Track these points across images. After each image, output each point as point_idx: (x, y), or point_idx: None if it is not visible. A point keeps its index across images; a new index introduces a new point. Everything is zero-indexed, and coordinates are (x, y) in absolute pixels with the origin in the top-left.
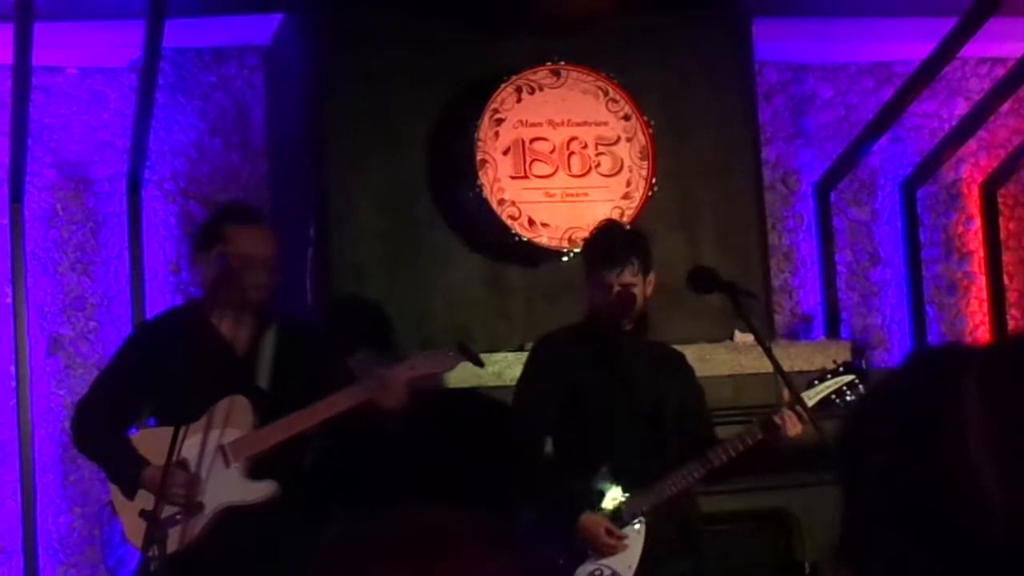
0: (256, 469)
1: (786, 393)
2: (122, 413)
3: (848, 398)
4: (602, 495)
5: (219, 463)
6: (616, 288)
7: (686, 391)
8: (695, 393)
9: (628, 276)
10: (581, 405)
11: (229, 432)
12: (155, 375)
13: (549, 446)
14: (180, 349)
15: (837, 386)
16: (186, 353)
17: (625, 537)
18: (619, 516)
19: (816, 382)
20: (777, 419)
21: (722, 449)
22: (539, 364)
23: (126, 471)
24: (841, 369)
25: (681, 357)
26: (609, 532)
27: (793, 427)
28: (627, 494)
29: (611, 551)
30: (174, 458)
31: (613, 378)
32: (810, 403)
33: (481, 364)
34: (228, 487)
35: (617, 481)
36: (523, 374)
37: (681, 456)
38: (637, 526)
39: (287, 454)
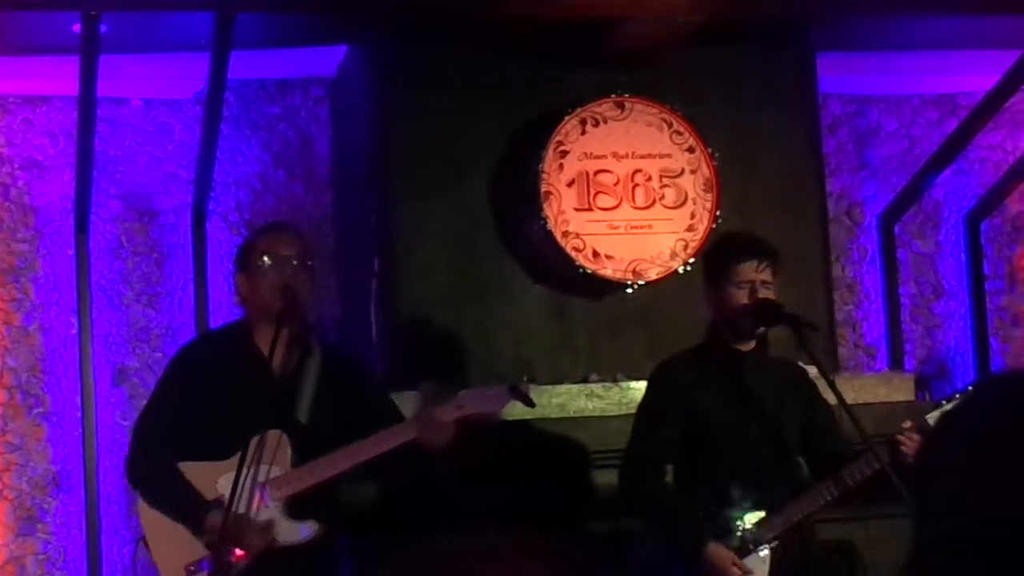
0: (296, 507)
1: (907, 422)
2: (175, 448)
3: None
4: (727, 523)
5: (259, 502)
6: (756, 283)
7: (810, 408)
8: (820, 409)
9: (767, 274)
10: (702, 430)
11: (270, 469)
12: (199, 403)
13: (670, 475)
14: (223, 375)
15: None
16: (228, 379)
17: (751, 571)
18: (744, 544)
19: (945, 402)
20: (902, 442)
21: (848, 474)
22: (659, 391)
23: (192, 515)
24: (971, 389)
25: (803, 372)
26: (734, 563)
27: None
28: (752, 521)
29: None
30: (236, 496)
31: (734, 401)
32: None
33: (532, 405)
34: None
35: (742, 507)
36: (643, 401)
37: (809, 478)
38: (763, 553)
39: (327, 491)
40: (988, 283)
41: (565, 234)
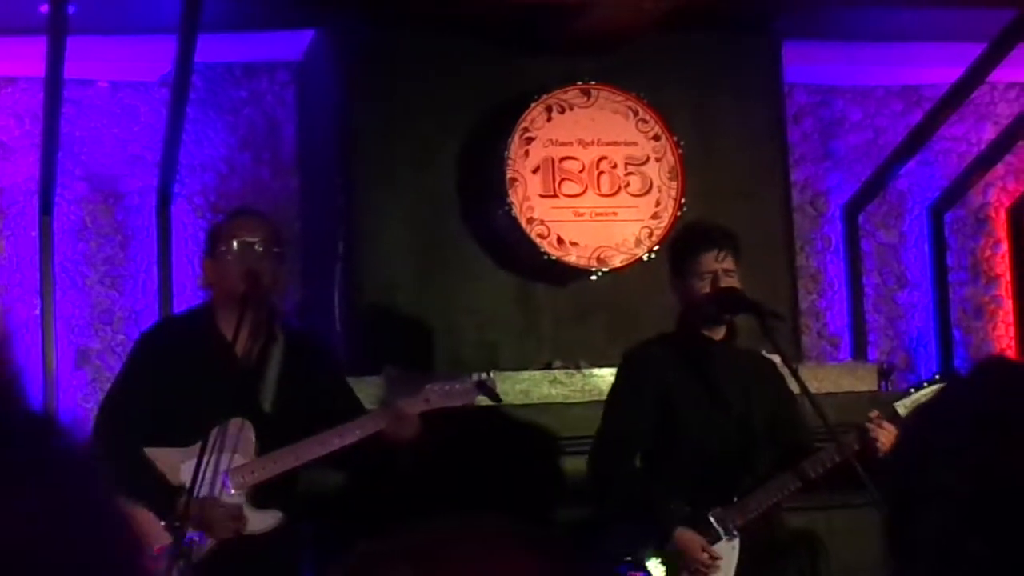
0: (259, 496)
1: (874, 411)
2: (137, 432)
3: None
4: (694, 510)
5: (222, 490)
6: (718, 273)
7: (778, 400)
8: (787, 401)
9: (729, 262)
10: (671, 418)
11: (232, 457)
12: (161, 388)
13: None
14: (185, 360)
15: (934, 394)
16: (191, 365)
17: (719, 556)
18: (711, 531)
19: (912, 390)
20: (871, 430)
21: (818, 462)
22: (629, 377)
23: (159, 498)
24: (938, 376)
25: (772, 364)
26: (704, 549)
27: (886, 437)
28: (719, 508)
29: (705, 569)
30: (197, 484)
31: (703, 390)
32: (906, 411)
33: (499, 401)
34: None
35: (709, 495)
36: (613, 387)
37: (776, 467)
38: (731, 541)
39: (289, 480)
40: (951, 274)
41: (530, 220)
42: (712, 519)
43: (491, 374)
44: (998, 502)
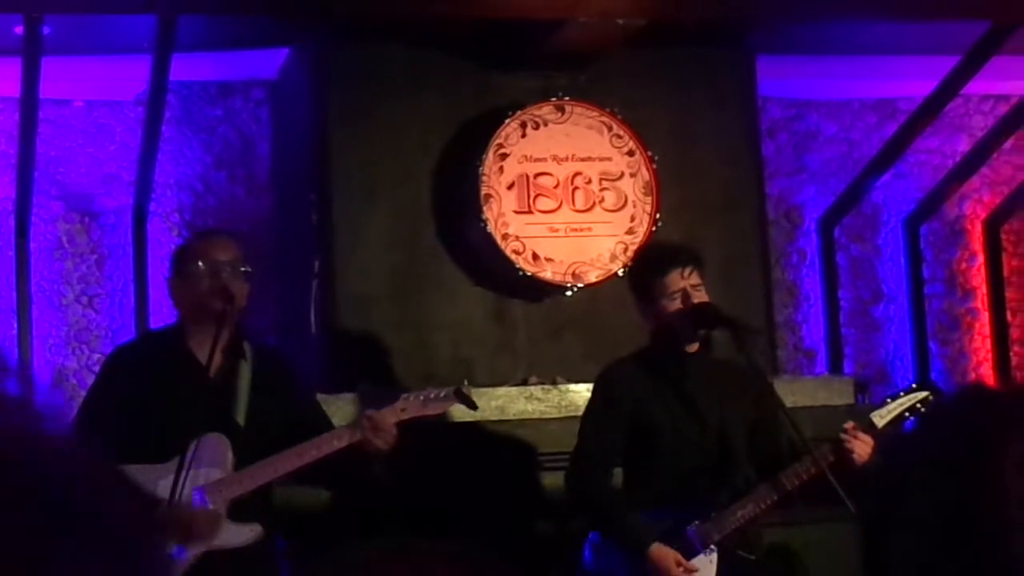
0: (237, 510)
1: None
2: (112, 446)
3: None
4: (672, 525)
5: (201, 504)
6: (687, 290)
7: (757, 409)
8: (767, 410)
9: (695, 277)
10: (648, 433)
11: (210, 472)
12: (133, 405)
13: (618, 478)
14: (158, 378)
15: (911, 403)
16: (163, 382)
17: (695, 570)
18: (689, 546)
19: (889, 400)
20: (846, 440)
21: (793, 474)
22: (605, 394)
23: None
24: (915, 386)
25: (750, 374)
26: (679, 564)
27: (862, 448)
28: (697, 523)
29: None
30: (176, 499)
31: (679, 404)
32: (883, 421)
33: (475, 408)
34: None
35: (687, 509)
36: (589, 404)
37: (757, 478)
38: (709, 556)
39: (264, 494)
40: (927, 287)
41: (505, 236)
42: (689, 534)
43: (466, 383)
44: (967, 534)
